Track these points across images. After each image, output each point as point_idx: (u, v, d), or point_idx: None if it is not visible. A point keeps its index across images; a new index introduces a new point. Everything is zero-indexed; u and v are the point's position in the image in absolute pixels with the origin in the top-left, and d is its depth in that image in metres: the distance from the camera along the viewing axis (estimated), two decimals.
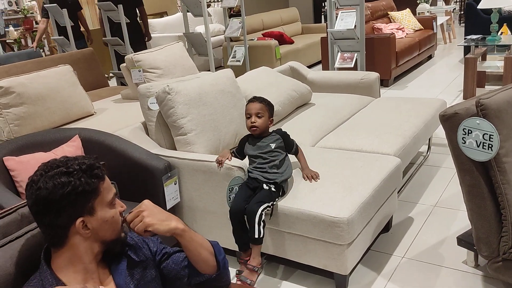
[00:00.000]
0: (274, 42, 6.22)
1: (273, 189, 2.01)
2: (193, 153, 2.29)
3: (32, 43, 8.77)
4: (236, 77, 2.80)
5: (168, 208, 2.19)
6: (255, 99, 2.15)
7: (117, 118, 3.47)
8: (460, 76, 5.46)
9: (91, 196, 1.08)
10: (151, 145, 2.41)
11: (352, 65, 4.69)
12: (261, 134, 2.11)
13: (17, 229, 1.20)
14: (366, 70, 4.20)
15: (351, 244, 1.92)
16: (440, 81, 5.46)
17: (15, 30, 9.37)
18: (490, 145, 1.57)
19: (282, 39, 6.73)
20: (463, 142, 1.64)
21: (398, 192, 2.74)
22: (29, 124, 3.23)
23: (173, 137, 2.39)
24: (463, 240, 2.06)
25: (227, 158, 2.11)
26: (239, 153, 2.19)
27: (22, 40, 8.92)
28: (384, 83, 5.43)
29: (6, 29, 9.42)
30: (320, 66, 6.92)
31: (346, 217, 1.85)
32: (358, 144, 2.57)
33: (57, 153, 2.21)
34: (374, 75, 3.51)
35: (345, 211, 1.87)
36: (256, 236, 1.95)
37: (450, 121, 1.68)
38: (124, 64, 3.93)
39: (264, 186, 2.02)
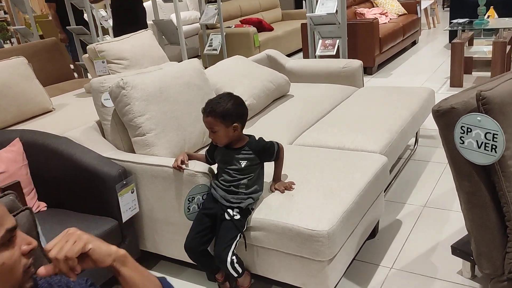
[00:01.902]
0: (252, 29, 5.92)
1: (237, 217, 1.71)
2: (153, 156, 2.00)
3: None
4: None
5: (124, 220, 1.91)
6: (204, 110, 1.72)
7: (77, 115, 3.15)
8: (446, 62, 5.25)
9: None
10: (106, 147, 2.11)
11: (334, 53, 4.42)
12: (229, 145, 1.75)
13: None
14: (348, 58, 3.94)
15: (333, 260, 1.67)
16: (425, 68, 5.24)
17: None
18: (493, 146, 1.33)
19: (261, 26, 6.42)
20: (461, 142, 1.39)
21: (384, 192, 2.50)
22: None
23: (131, 138, 2.10)
24: (458, 249, 1.83)
25: (184, 160, 1.81)
26: (210, 155, 1.87)
27: None
28: (368, 71, 5.19)
29: None
30: (300, 54, 6.64)
31: (326, 230, 1.59)
32: (340, 141, 2.31)
33: None
34: (357, 63, 3.25)
35: (325, 223, 1.61)
36: (235, 275, 1.73)
37: (446, 117, 1.43)
38: (87, 55, 3.60)
39: (226, 216, 1.71)
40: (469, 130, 1.37)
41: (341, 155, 2.08)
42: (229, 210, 1.71)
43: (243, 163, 1.72)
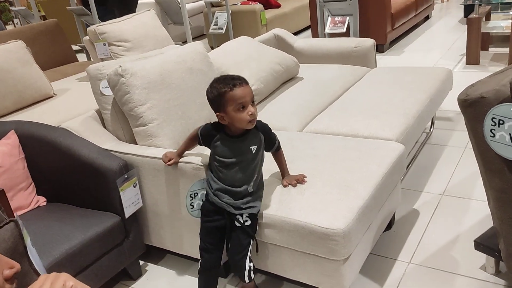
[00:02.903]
0: (259, 6, 5.71)
1: (248, 223, 1.57)
2: (155, 148, 1.89)
3: (0, 15, 8.14)
4: (216, 47, 2.37)
5: (127, 216, 1.82)
6: (239, 80, 1.48)
7: (79, 101, 3.05)
8: (461, 38, 5.03)
9: None
10: (106, 138, 2.01)
11: (344, 30, 4.25)
12: (238, 132, 1.55)
13: None
14: (359, 36, 3.76)
15: (348, 258, 1.56)
16: (439, 44, 5.03)
17: None
18: None
19: (268, 3, 6.20)
20: (492, 135, 1.26)
21: None
22: None
23: (132, 128, 1.99)
24: (482, 244, 1.72)
25: (170, 159, 1.70)
26: (207, 138, 1.60)
27: None
28: (379, 48, 4.99)
29: None
30: (309, 31, 6.43)
31: (342, 228, 1.48)
32: (353, 128, 2.18)
33: None
34: (369, 42, 3.08)
35: (340, 220, 1.50)
36: (247, 281, 1.63)
37: (474, 107, 1.29)
38: (87, 37, 3.46)
39: (236, 223, 1.57)
40: (501, 122, 1.23)
41: (355, 144, 1.95)
42: (239, 217, 1.58)
43: (253, 149, 1.54)
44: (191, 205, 1.67)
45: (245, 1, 6.13)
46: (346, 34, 4.34)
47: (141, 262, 2.08)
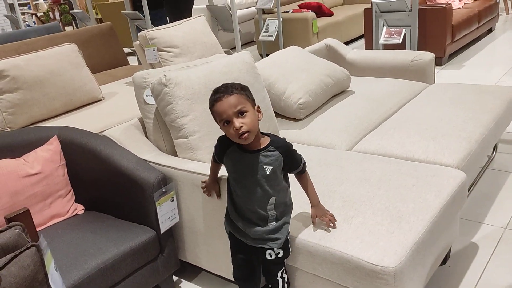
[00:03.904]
0: (311, 14, 5.58)
1: (280, 254, 1.45)
2: (195, 162, 1.81)
3: (60, 16, 8.49)
4: (268, 54, 2.27)
5: (162, 231, 1.74)
6: (220, 91, 1.30)
7: (125, 106, 3.04)
8: None
9: None
10: (147, 148, 1.95)
11: (400, 41, 4.03)
12: (249, 145, 1.35)
13: None
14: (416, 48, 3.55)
15: None
16: (503, 59, 4.69)
17: (44, 2, 9.11)
18: None
19: (321, 11, 6.06)
20: None
21: None
22: (25, 112, 2.85)
23: (173, 140, 1.92)
24: None
25: (212, 191, 1.57)
26: (219, 158, 1.47)
27: (50, 13, 8.64)
28: (437, 61, 4.72)
29: (35, 2, 9.17)
30: (362, 41, 6.22)
31: (393, 267, 1.33)
32: (409, 150, 2.01)
33: (28, 158, 1.79)
34: (428, 56, 2.88)
35: (391, 257, 1.35)
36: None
37: None
38: (138, 42, 3.47)
39: (267, 255, 1.44)
40: None
41: (410, 168, 1.79)
42: (269, 251, 1.43)
43: (268, 169, 1.33)
44: None
45: (297, 8, 6.02)
46: (401, 45, 4.13)
47: (175, 278, 2.01)
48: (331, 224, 1.47)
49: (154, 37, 3.33)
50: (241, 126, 1.26)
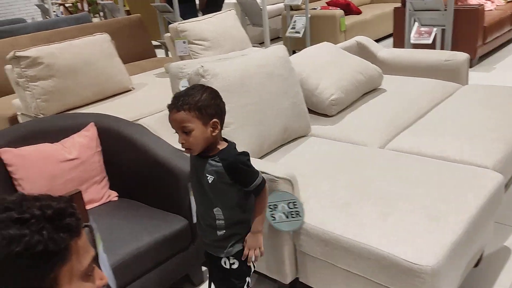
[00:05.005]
0: (339, 12, 5.54)
1: (235, 266, 1.37)
2: None
3: (88, 7, 8.61)
4: (294, 51, 2.27)
5: (195, 220, 1.75)
6: (173, 103, 1.28)
7: (155, 97, 3.07)
8: None
9: (56, 261, 0.68)
10: None
11: (430, 41, 3.97)
12: (206, 150, 1.31)
13: None
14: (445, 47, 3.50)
15: None
16: None
17: None
18: None
19: (349, 9, 6.00)
20: None
21: None
22: (58, 100, 2.90)
23: None
24: None
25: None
26: None
27: (79, 4, 8.76)
28: None
29: None
30: (388, 40, 6.15)
31: (431, 266, 1.31)
32: (443, 150, 1.98)
33: (66, 144, 1.82)
34: (462, 56, 2.83)
35: (429, 256, 1.33)
36: None
37: None
38: (168, 34, 3.50)
39: (222, 263, 1.38)
40: None
41: (448, 168, 1.76)
42: (224, 259, 1.37)
43: (210, 178, 1.29)
44: (272, 216, 1.57)
45: (325, 6, 5.99)
46: (431, 45, 4.07)
47: (203, 268, 2.02)
48: (256, 258, 1.38)
49: (185, 30, 3.35)
50: (183, 143, 1.28)
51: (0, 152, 1.68)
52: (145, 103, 2.98)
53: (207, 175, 1.30)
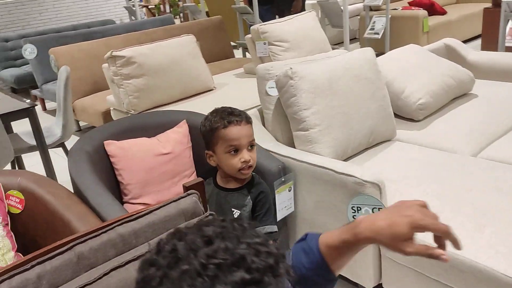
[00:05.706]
0: (422, 12, 5.33)
1: None
2: (315, 155, 1.83)
3: (170, 9, 9.01)
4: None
5: (278, 218, 1.79)
6: (238, 117, 1.22)
7: (236, 97, 3.16)
8: None
9: None
10: (266, 138, 2.01)
11: None
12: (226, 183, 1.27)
13: (72, 275, 0.89)
14: None
15: None
16: None
17: None
18: None
19: (433, 9, 5.76)
20: None
21: None
22: (148, 97, 3.08)
23: (292, 131, 1.96)
24: None
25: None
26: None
27: (161, 6, 9.20)
28: None
29: None
30: (474, 42, 5.82)
31: None
32: None
33: (161, 139, 1.94)
34: None
35: None
36: None
37: None
38: (249, 35, 3.58)
39: None
40: None
41: None
42: None
43: (236, 213, 1.25)
44: (353, 217, 1.57)
45: (407, 6, 5.79)
46: None
47: None
48: None
49: (265, 31, 3.40)
50: (249, 161, 1.21)
51: (104, 144, 1.82)
52: (227, 102, 3.04)
53: (233, 209, 1.23)
